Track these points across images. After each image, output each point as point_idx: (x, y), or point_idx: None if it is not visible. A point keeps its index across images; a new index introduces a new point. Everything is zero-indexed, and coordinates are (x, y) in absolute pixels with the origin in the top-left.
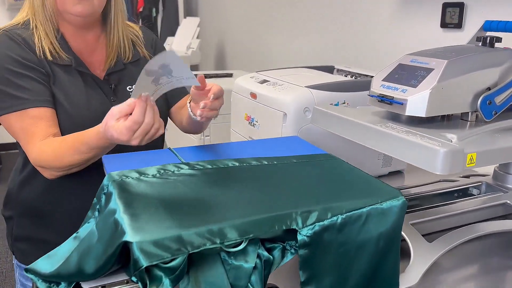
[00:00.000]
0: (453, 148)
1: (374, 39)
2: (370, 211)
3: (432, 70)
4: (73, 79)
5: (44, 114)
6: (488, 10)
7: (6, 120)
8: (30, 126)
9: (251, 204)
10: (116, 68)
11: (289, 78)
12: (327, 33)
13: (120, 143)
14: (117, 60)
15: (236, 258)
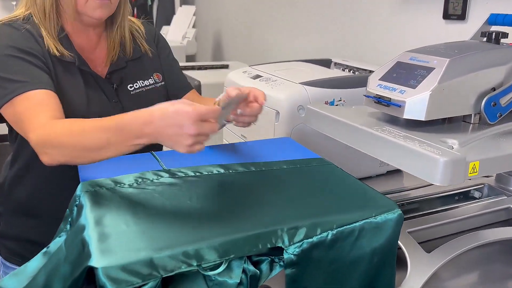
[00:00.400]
0: (454, 157)
1: (375, 29)
2: (363, 225)
3: (432, 69)
4: (73, 78)
5: (50, 98)
6: (493, 1)
7: (10, 107)
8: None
9: (233, 220)
10: (118, 66)
11: (283, 74)
12: (326, 26)
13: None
14: (118, 57)
15: (220, 273)
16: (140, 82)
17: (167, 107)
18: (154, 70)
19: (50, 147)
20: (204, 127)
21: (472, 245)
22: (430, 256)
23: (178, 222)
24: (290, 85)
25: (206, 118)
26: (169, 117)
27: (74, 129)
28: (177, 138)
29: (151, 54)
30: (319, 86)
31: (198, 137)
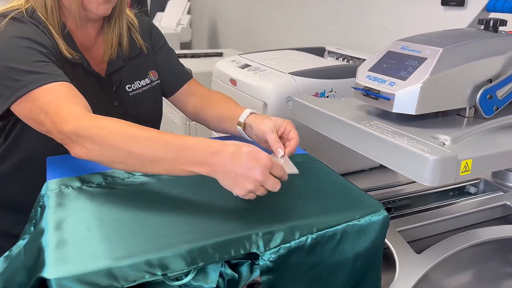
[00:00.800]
0: (444, 155)
1: (372, 15)
2: (346, 228)
3: (424, 59)
4: (79, 78)
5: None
6: None
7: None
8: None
9: (204, 224)
10: (117, 66)
11: (272, 63)
12: (323, 13)
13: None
14: (117, 54)
15: (195, 278)
16: (137, 82)
17: (241, 146)
18: (149, 68)
19: (90, 141)
20: (270, 180)
21: (465, 245)
22: (420, 257)
23: (145, 227)
24: (278, 75)
25: (274, 172)
26: (241, 156)
27: (130, 132)
28: (241, 179)
29: (146, 50)
30: (309, 76)
31: (259, 187)
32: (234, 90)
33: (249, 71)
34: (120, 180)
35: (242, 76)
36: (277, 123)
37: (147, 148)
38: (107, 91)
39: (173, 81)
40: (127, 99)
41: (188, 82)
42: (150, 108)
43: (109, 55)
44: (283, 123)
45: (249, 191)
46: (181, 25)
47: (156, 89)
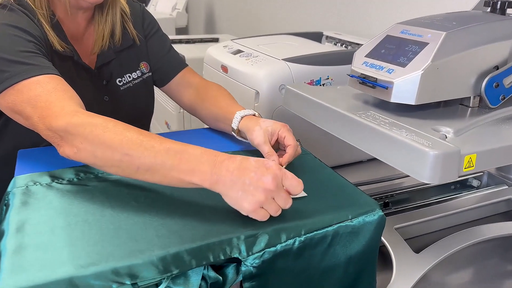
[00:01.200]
0: (447, 150)
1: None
2: (337, 230)
3: (426, 44)
4: (68, 71)
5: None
6: None
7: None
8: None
9: (181, 227)
10: (108, 58)
11: (266, 49)
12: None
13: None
14: (109, 45)
15: (175, 282)
16: (127, 76)
17: (248, 157)
18: (141, 59)
19: (82, 140)
20: (282, 192)
21: (466, 243)
22: (419, 257)
23: (115, 230)
24: (272, 61)
25: (287, 181)
26: (250, 164)
27: (127, 133)
28: (250, 190)
29: (138, 41)
30: (304, 63)
31: (271, 200)
32: (226, 78)
33: (241, 57)
34: (93, 176)
35: (233, 62)
36: (268, 131)
37: (144, 151)
38: (97, 85)
39: (166, 71)
40: (118, 93)
41: (182, 71)
42: (141, 102)
43: (100, 47)
44: (275, 129)
45: (260, 204)
46: (176, 9)
47: (147, 82)
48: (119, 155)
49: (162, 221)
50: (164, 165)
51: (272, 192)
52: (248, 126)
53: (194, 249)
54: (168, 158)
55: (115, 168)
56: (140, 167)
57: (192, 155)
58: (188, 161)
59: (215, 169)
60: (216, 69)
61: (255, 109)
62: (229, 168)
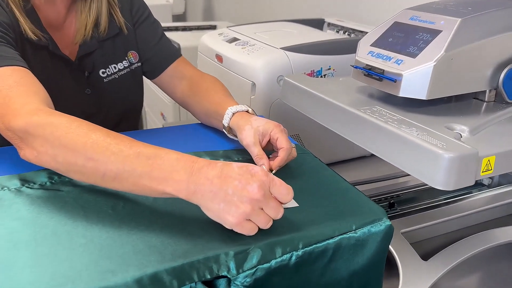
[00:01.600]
0: (463, 152)
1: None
2: (339, 242)
3: (439, 32)
4: (42, 62)
5: (33, 79)
6: None
7: None
8: (17, 85)
9: (161, 242)
10: (90, 48)
11: (264, 37)
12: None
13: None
14: (92, 35)
15: None
16: (113, 66)
17: (231, 162)
18: (129, 48)
19: (41, 142)
20: (271, 201)
21: (479, 249)
22: (428, 264)
23: (87, 244)
24: (270, 50)
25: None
26: (232, 170)
27: (92, 135)
28: (234, 200)
29: (126, 30)
30: (304, 52)
31: (259, 211)
32: (221, 68)
33: (236, 46)
34: (68, 179)
35: (228, 51)
36: (259, 131)
37: (111, 155)
38: (78, 77)
39: (157, 61)
40: (101, 86)
41: (175, 63)
42: (129, 95)
43: (82, 37)
44: (267, 129)
45: (245, 216)
46: None
47: (136, 73)
48: (82, 159)
49: (141, 234)
50: (133, 172)
51: (259, 201)
52: (238, 124)
53: (175, 268)
54: (138, 164)
55: (78, 174)
56: (106, 174)
57: (166, 160)
58: (161, 168)
59: (192, 177)
60: (211, 59)
61: (252, 102)
62: (209, 176)
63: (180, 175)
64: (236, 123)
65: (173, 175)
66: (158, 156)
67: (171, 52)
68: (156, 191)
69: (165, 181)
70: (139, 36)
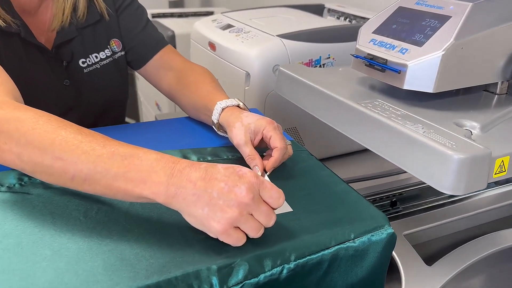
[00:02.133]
0: (475, 153)
1: None
2: (336, 253)
3: (448, 18)
4: (13, 51)
5: None
6: None
7: None
8: None
9: (135, 256)
10: (68, 36)
11: (259, 23)
12: None
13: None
14: (70, 21)
15: None
16: (94, 56)
17: (216, 164)
18: (111, 36)
19: (5, 139)
20: (262, 205)
21: (486, 253)
22: (432, 270)
23: (53, 257)
24: (265, 38)
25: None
26: (218, 172)
27: (62, 132)
28: (219, 204)
29: (108, 16)
30: (302, 40)
31: (247, 217)
32: (213, 57)
33: (230, 33)
34: (39, 180)
35: (222, 39)
36: (250, 129)
37: (81, 155)
38: (55, 68)
39: (142, 51)
40: (81, 77)
41: (161, 52)
42: (111, 86)
43: (59, 23)
44: (259, 127)
45: (232, 223)
46: None
47: (119, 62)
48: (49, 159)
49: (113, 245)
50: (106, 174)
51: (248, 205)
52: (228, 121)
53: (149, 286)
54: (112, 165)
55: (45, 175)
56: (76, 175)
57: (144, 161)
58: (138, 169)
59: (173, 179)
60: (204, 47)
61: (246, 93)
62: (191, 177)
63: (159, 176)
64: (226, 120)
65: (151, 176)
66: (135, 155)
67: (156, 41)
68: (131, 195)
69: (143, 183)
70: (122, 23)
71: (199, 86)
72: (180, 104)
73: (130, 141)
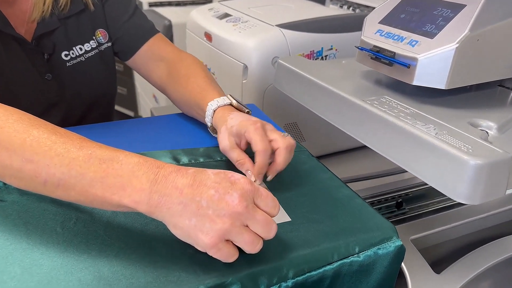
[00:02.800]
0: (494, 158)
1: None
2: (338, 269)
3: (462, 7)
4: None
5: None
6: None
7: None
8: None
9: (111, 273)
10: (49, 27)
11: (258, 12)
12: None
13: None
14: (52, 11)
15: None
16: (77, 48)
17: (206, 169)
18: (97, 26)
19: None
20: (257, 214)
21: (499, 259)
22: (441, 278)
23: (22, 275)
24: (264, 28)
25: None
26: (207, 178)
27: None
28: (208, 215)
29: (93, 6)
30: (303, 30)
31: (240, 228)
32: (210, 48)
33: (227, 23)
34: (11, 188)
35: (218, 29)
36: (232, 132)
37: (54, 157)
38: (35, 61)
39: (129, 40)
40: (64, 70)
41: (149, 42)
42: (97, 80)
43: (40, 13)
44: (241, 130)
45: (223, 235)
46: None
47: (105, 54)
48: (19, 161)
49: (91, 261)
50: (82, 179)
51: (241, 215)
52: (217, 125)
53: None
54: (88, 169)
55: (15, 179)
56: (48, 180)
57: (123, 165)
58: (117, 174)
59: (156, 185)
60: (200, 37)
61: (243, 86)
62: (178, 184)
63: (141, 182)
64: (216, 123)
65: (132, 182)
66: (114, 159)
67: (145, 30)
68: (110, 203)
69: (122, 190)
70: (108, 12)
71: (190, 81)
72: (172, 99)
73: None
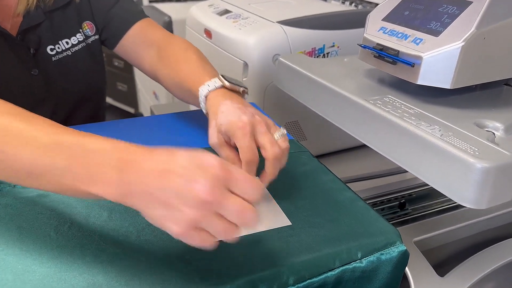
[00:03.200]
0: (501, 160)
1: None
2: (340, 275)
3: (468, 4)
4: None
5: None
6: None
7: None
8: None
9: (106, 280)
10: (34, 21)
11: (259, 8)
12: None
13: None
14: (37, 4)
15: None
16: (64, 42)
17: (179, 150)
18: (83, 19)
19: None
20: (230, 200)
21: (504, 261)
22: (445, 281)
23: (14, 283)
24: (265, 24)
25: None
26: (177, 161)
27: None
28: (174, 203)
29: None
30: (304, 27)
31: (211, 216)
32: (209, 45)
33: (227, 19)
34: (9, 187)
35: (218, 25)
36: (221, 130)
37: (25, 147)
38: (21, 56)
39: (115, 26)
40: (50, 65)
41: (137, 25)
42: (85, 74)
43: (25, 7)
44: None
45: (193, 224)
46: None
47: (93, 47)
48: None
49: (85, 268)
50: (51, 168)
51: (211, 204)
52: (208, 115)
53: None
54: (57, 157)
55: None
56: (19, 170)
57: (92, 152)
58: (86, 162)
59: (123, 173)
60: (199, 34)
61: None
62: (143, 171)
63: (110, 171)
64: (207, 113)
65: (101, 171)
66: (83, 146)
67: (131, 14)
68: (80, 191)
69: (91, 180)
70: (94, 3)
71: (181, 65)
72: (164, 86)
73: None
